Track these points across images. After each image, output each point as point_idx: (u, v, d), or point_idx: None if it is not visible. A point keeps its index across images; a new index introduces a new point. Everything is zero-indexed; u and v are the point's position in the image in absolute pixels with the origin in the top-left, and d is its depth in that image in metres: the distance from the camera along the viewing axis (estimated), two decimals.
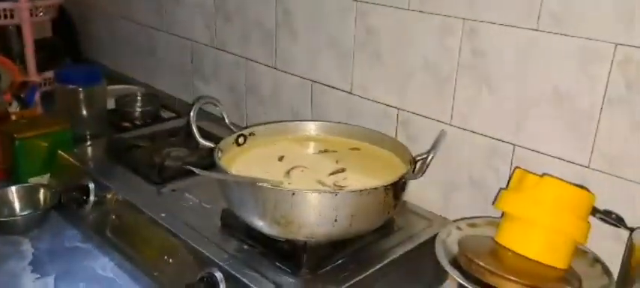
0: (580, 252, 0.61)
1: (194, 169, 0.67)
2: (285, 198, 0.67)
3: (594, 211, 0.59)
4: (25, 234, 0.89)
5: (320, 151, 0.86)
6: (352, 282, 0.69)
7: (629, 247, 0.56)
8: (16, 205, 0.94)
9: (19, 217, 0.92)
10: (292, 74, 1.07)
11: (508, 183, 0.77)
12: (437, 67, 0.83)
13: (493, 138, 0.78)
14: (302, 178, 0.76)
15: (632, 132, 0.64)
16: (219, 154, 0.78)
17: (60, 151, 1.00)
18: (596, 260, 0.60)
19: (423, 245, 0.79)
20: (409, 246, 0.78)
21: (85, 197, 0.90)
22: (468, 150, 0.81)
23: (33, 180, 0.98)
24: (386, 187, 0.70)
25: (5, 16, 1.35)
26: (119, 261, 0.83)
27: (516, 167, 0.66)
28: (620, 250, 0.63)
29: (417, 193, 0.85)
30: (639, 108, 0.63)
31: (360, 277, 0.70)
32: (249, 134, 0.86)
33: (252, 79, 1.16)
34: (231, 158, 0.81)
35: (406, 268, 0.77)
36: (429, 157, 0.70)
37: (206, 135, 0.82)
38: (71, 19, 1.67)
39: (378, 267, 0.73)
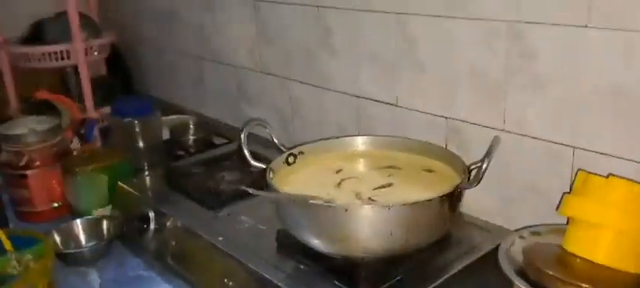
0: None
1: (250, 190, 0.68)
2: (338, 214, 0.67)
3: None
4: (92, 265, 0.93)
5: (370, 167, 0.86)
6: None
7: None
8: (82, 238, 0.99)
9: (86, 249, 0.96)
10: (336, 91, 1.07)
11: (571, 187, 0.75)
12: (484, 72, 0.81)
13: (550, 141, 0.75)
14: (353, 194, 0.76)
15: None
16: (271, 175, 0.79)
17: (120, 183, 1.04)
18: None
19: (484, 258, 0.77)
20: (469, 259, 0.76)
21: (145, 226, 0.93)
22: (525, 155, 0.79)
23: (96, 212, 1.03)
24: (441, 198, 0.68)
25: (62, 58, 1.43)
26: (181, 287, 0.85)
27: (579, 170, 0.64)
28: None
29: (473, 204, 0.83)
30: None
31: None
32: (299, 153, 0.87)
33: (297, 100, 1.18)
34: (282, 178, 0.81)
35: (467, 283, 0.75)
36: (484, 165, 0.69)
37: (256, 157, 0.84)
38: (122, 56, 1.75)
39: (437, 283, 0.71)
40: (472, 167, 0.76)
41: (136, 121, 1.16)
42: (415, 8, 0.88)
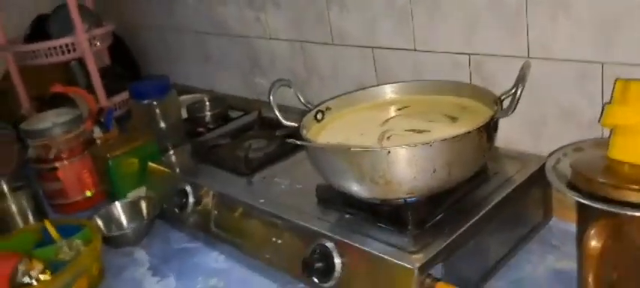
0: None
1: (296, 141, 0.69)
2: (380, 158, 0.68)
3: None
4: (137, 244, 0.95)
5: (399, 111, 0.87)
6: (458, 233, 0.70)
7: None
8: (123, 220, 1.00)
9: (128, 231, 0.97)
10: (352, 46, 1.07)
11: (602, 105, 0.76)
12: (503, 2, 0.81)
13: (579, 61, 0.76)
14: (392, 140, 0.77)
15: None
16: (305, 131, 0.80)
17: (150, 163, 1.05)
18: None
19: (521, 186, 0.78)
20: (508, 188, 0.77)
21: (184, 200, 0.95)
22: (553, 79, 0.80)
23: (131, 194, 1.04)
24: (479, 130, 0.69)
25: (68, 51, 1.42)
26: (229, 251, 0.87)
27: (617, 79, 0.65)
28: None
29: (504, 135, 0.84)
30: None
31: (465, 227, 0.70)
32: (326, 109, 0.88)
33: (312, 61, 1.18)
34: (314, 134, 0.82)
35: (509, 212, 0.77)
36: (518, 92, 0.70)
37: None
38: (124, 43, 1.74)
39: (480, 215, 0.73)
40: (503, 97, 0.77)
41: (154, 102, 1.16)
42: None
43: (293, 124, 0.82)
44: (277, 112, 0.82)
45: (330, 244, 0.72)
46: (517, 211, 0.79)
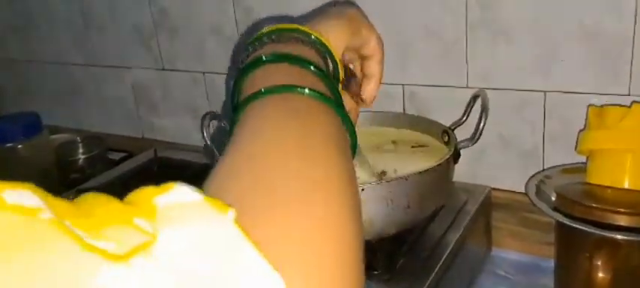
0: None
1: None
2: None
3: None
4: None
5: None
6: (434, 274, 0.64)
7: None
8: None
9: None
10: None
11: (544, 133, 0.77)
12: (441, 31, 0.80)
13: (520, 90, 0.77)
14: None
15: None
16: None
17: None
18: None
19: (473, 217, 0.76)
20: (464, 221, 0.74)
21: None
22: (493, 108, 0.79)
23: None
24: (448, 160, 0.65)
25: None
26: None
27: (590, 105, 0.66)
28: None
29: None
30: None
31: (438, 266, 0.65)
32: None
33: (217, 93, 1.06)
34: None
35: (467, 245, 0.74)
36: (482, 122, 0.67)
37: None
38: None
39: (448, 251, 0.68)
40: (453, 127, 0.74)
41: (20, 146, 0.93)
42: None
43: None
44: (214, 149, 0.69)
45: None
46: (471, 243, 0.76)
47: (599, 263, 0.54)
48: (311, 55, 0.38)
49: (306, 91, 0.33)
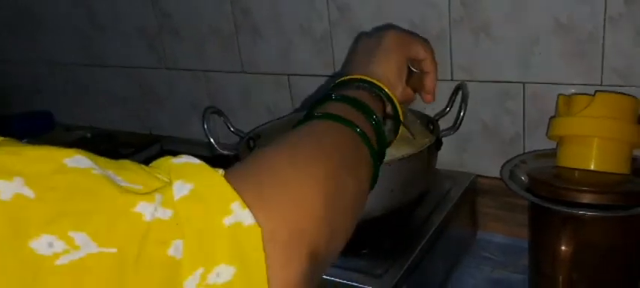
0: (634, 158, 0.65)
1: None
2: None
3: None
4: None
5: None
6: (416, 253, 0.69)
7: None
8: None
9: None
10: (264, 73, 1.04)
11: (524, 121, 0.82)
12: (426, 27, 0.85)
13: (501, 81, 0.82)
14: None
15: (636, 43, 0.70)
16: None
17: None
18: None
19: (458, 202, 0.81)
20: (448, 205, 0.79)
21: None
22: (476, 99, 0.84)
23: None
24: (429, 147, 0.70)
25: None
26: None
27: (559, 94, 0.70)
28: None
29: None
30: (638, 18, 0.69)
31: (420, 246, 0.70)
32: (256, 136, 0.83)
33: (217, 90, 1.11)
34: None
35: (450, 228, 0.79)
36: (462, 112, 0.72)
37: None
38: None
39: (431, 233, 0.73)
40: (437, 117, 0.79)
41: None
42: None
43: (229, 152, 0.75)
44: (212, 141, 0.74)
45: None
46: (454, 227, 0.81)
47: (566, 238, 0.59)
48: (369, 99, 0.48)
49: (346, 123, 0.42)
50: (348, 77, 0.51)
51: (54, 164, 0.26)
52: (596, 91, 0.66)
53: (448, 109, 0.79)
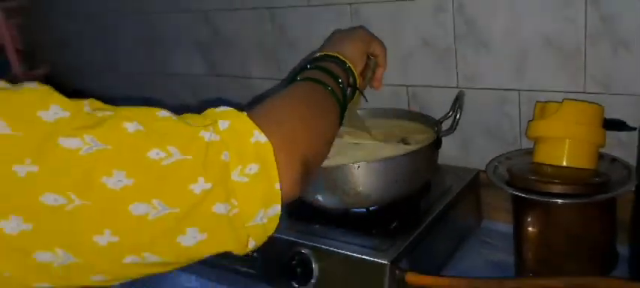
0: (600, 155, 0.76)
1: None
2: (350, 172, 0.79)
3: (605, 123, 0.74)
4: None
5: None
6: (416, 233, 0.81)
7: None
8: None
9: None
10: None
11: (520, 124, 0.93)
12: (435, 43, 0.98)
13: (500, 89, 0.93)
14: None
15: (613, 56, 0.81)
16: None
17: None
18: (615, 159, 0.76)
19: (459, 195, 0.92)
20: (449, 197, 0.91)
21: None
22: (479, 105, 0.96)
23: None
24: (430, 145, 0.83)
25: None
26: (204, 273, 0.92)
27: (537, 101, 0.82)
28: (624, 153, 0.80)
29: (440, 152, 0.99)
30: (616, 34, 0.80)
31: (420, 228, 0.82)
32: None
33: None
34: None
35: (451, 216, 0.91)
36: (458, 115, 0.85)
37: None
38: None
39: (430, 218, 0.85)
40: (442, 120, 0.92)
41: None
42: None
43: None
44: None
45: (306, 251, 0.81)
46: (456, 215, 0.93)
47: (537, 223, 0.70)
48: (337, 69, 0.69)
49: (320, 83, 0.63)
50: (324, 53, 0.72)
51: (152, 114, 0.44)
52: (564, 99, 0.76)
53: (451, 113, 0.91)
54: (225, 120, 0.46)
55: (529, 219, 0.71)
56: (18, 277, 0.37)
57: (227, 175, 0.44)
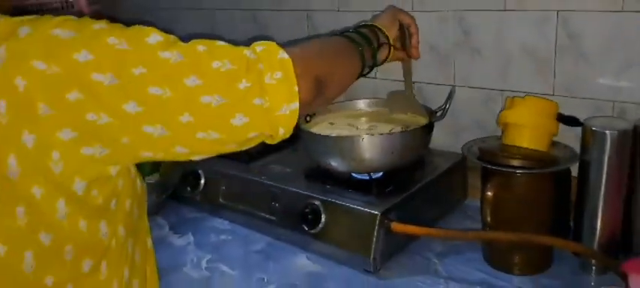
0: (554, 143, 0.95)
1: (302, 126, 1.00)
2: (357, 142, 0.99)
3: (559, 116, 0.93)
4: (155, 215, 1.19)
5: (369, 117, 1.20)
6: (405, 195, 1.02)
7: (584, 133, 0.89)
8: None
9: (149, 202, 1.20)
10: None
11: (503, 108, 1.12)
12: (438, 49, 1.18)
13: (487, 88, 1.13)
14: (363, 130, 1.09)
15: (576, 66, 1.00)
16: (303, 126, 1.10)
17: None
18: (566, 146, 0.94)
19: (445, 172, 1.12)
20: (437, 172, 1.11)
21: (196, 181, 1.21)
22: (469, 100, 1.16)
23: (147, 178, 1.27)
24: (423, 127, 1.03)
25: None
26: (232, 217, 1.14)
27: (507, 97, 1.01)
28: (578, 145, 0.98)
29: (435, 139, 1.19)
30: (578, 49, 0.99)
31: (409, 192, 1.03)
32: (312, 114, 1.18)
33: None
34: (309, 127, 1.13)
35: (437, 188, 1.10)
36: (447, 106, 1.05)
37: None
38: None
39: (418, 186, 1.05)
40: (436, 111, 1.11)
41: None
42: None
43: None
44: None
45: (317, 202, 1.02)
46: (443, 188, 1.13)
47: (500, 190, 0.89)
48: (367, 32, 0.89)
49: (350, 40, 0.84)
50: (362, 23, 0.94)
51: (214, 41, 0.62)
52: (525, 95, 0.95)
53: (445, 105, 1.11)
54: (261, 45, 0.64)
55: (493, 186, 0.90)
56: (133, 143, 0.57)
57: (262, 78, 0.60)
